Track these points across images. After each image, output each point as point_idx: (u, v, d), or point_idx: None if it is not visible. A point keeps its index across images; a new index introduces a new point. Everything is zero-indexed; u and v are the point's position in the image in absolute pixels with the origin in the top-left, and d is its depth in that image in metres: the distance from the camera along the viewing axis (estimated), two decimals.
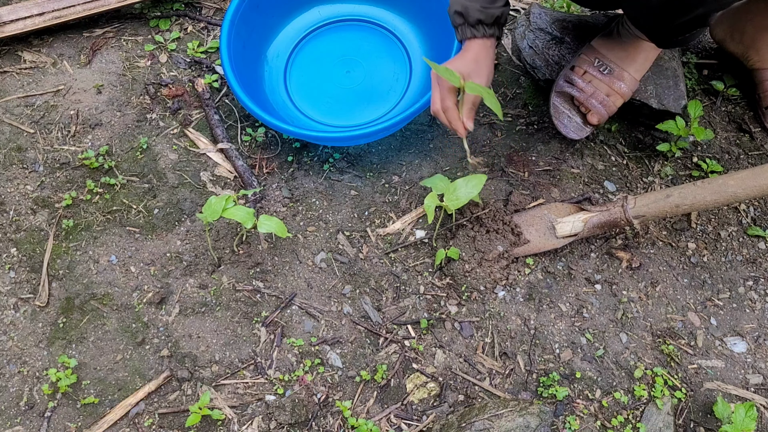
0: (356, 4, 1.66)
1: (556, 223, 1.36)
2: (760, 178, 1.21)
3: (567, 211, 1.38)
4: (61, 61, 1.63)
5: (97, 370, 1.27)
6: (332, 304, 1.35)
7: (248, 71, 1.52)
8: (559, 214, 1.38)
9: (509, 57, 1.68)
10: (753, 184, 1.20)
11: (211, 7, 1.75)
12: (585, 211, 1.37)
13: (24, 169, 1.47)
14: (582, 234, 1.35)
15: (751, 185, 1.21)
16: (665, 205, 1.26)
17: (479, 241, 1.34)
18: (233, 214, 1.26)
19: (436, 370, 1.29)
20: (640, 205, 1.28)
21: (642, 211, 1.28)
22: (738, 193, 1.22)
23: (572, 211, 1.38)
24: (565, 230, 1.35)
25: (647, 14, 1.14)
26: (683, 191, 1.25)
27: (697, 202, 1.24)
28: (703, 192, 1.24)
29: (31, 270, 1.36)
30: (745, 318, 1.36)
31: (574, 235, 1.36)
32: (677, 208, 1.26)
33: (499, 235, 1.35)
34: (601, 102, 1.41)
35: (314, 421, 1.23)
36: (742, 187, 1.21)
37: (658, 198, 1.27)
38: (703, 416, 1.26)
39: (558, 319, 1.34)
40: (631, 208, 1.29)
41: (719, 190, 1.22)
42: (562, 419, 1.24)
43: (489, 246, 1.34)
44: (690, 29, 1.16)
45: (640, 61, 1.40)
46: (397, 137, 1.55)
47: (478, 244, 1.34)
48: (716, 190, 1.23)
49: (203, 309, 1.33)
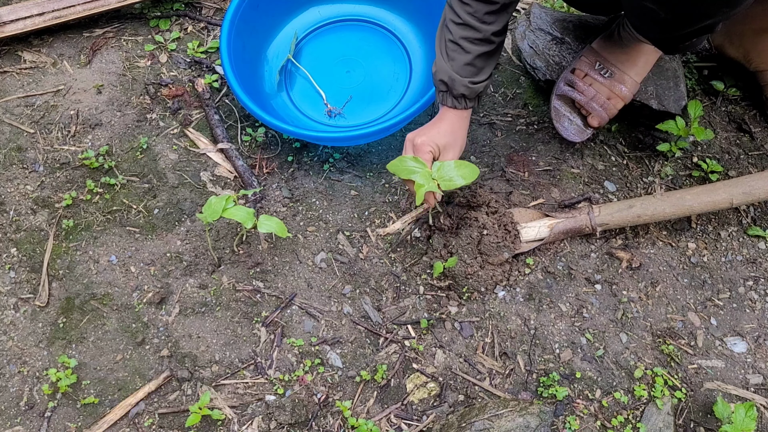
0: (356, 4, 1.66)
1: (521, 228, 1.36)
2: (713, 194, 1.33)
3: (530, 217, 1.39)
4: (61, 61, 1.63)
5: (97, 370, 1.27)
6: (332, 304, 1.35)
7: (248, 71, 1.52)
8: (522, 219, 1.38)
9: (509, 57, 1.68)
10: (707, 200, 1.33)
11: (211, 7, 1.75)
12: (549, 216, 1.38)
13: (24, 169, 1.47)
14: (548, 239, 1.37)
15: (705, 200, 1.33)
16: (627, 215, 1.35)
17: (483, 244, 1.33)
18: (233, 214, 1.26)
19: (436, 370, 1.29)
20: (604, 214, 1.36)
21: (606, 220, 1.36)
22: (694, 207, 1.34)
23: (536, 216, 1.39)
24: (530, 235, 1.36)
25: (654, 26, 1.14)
26: (644, 203, 1.35)
27: (657, 213, 1.34)
28: (662, 204, 1.34)
29: (31, 270, 1.36)
30: (745, 318, 1.36)
31: (539, 240, 1.36)
32: (638, 218, 1.35)
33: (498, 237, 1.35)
34: (601, 105, 1.41)
35: (314, 421, 1.23)
36: (697, 201, 1.33)
37: (621, 208, 1.36)
38: (703, 416, 1.26)
39: (558, 319, 1.34)
40: (597, 216, 1.36)
41: (677, 203, 1.34)
42: (562, 419, 1.24)
43: (495, 251, 1.33)
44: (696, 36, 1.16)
45: (641, 64, 1.40)
46: (397, 137, 1.55)
47: (483, 246, 1.33)
48: (674, 203, 1.34)
49: (203, 309, 1.33)
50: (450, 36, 1.21)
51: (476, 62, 1.22)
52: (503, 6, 1.19)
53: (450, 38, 1.21)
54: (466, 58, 1.21)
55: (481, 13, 1.18)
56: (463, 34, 1.20)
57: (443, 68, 1.22)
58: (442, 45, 1.23)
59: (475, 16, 1.18)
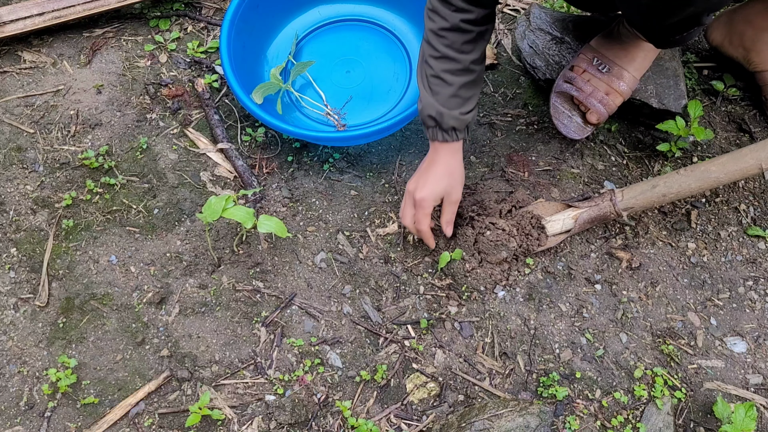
0: (356, 4, 1.66)
1: (545, 222, 1.35)
2: (740, 162, 1.24)
3: (554, 209, 1.38)
4: (61, 61, 1.63)
5: (97, 370, 1.27)
6: (332, 304, 1.35)
7: (248, 71, 1.52)
8: (546, 212, 1.38)
9: (509, 57, 1.68)
10: (734, 168, 1.24)
11: (211, 7, 1.75)
12: (573, 207, 1.37)
13: (24, 169, 1.47)
14: (574, 230, 1.35)
15: (732, 169, 1.24)
16: (652, 195, 1.28)
17: (482, 243, 1.33)
18: (233, 214, 1.26)
19: (436, 370, 1.29)
20: (628, 198, 1.30)
21: (630, 203, 1.30)
22: (720, 178, 1.25)
23: (559, 208, 1.38)
24: (555, 228, 1.35)
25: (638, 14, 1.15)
26: (668, 180, 1.28)
27: (683, 189, 1.27)
28: (687, 179, 1.26)
29: (31, 270, 1.36)
30: (745, 318, 1.36)
31: (566, 232, 1.35)
32: (664, 197, 1.28)
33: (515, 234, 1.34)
34: (600, 101, 1.41)
35: (314, 421, 1.23)
36: (724, 171, 1.24)
37: (644, 189, 1.29)
38: (703, 416, 1.26)
39: (558, 319, 1.34)
40: (620, 201, 1.30)
41: (702, 176, 1.26)
42: (562, 419, 1.24)
43: (494, 249, 1.33)
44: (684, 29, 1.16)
45: (638, 60, 1.40)
46: (397, 137, 1.55)
47: (481, 245, 1.33)
48: (699, 176, 1.26)
49: (203, 309, 1.33)
50: (431, 71, 1.21)
51: (461, 93, 1.22)
52: (479, 34, 1.21)
53: (431, 73, 1.22)
54: (450, 90, 1.21)
55: (458, 43, 1.20)
56: (443, 67, 1.20)
57: (430, 103, 1.22)
58: (424, 81, 1.23)
59: (453, 47, 1.20)
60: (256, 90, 1.45)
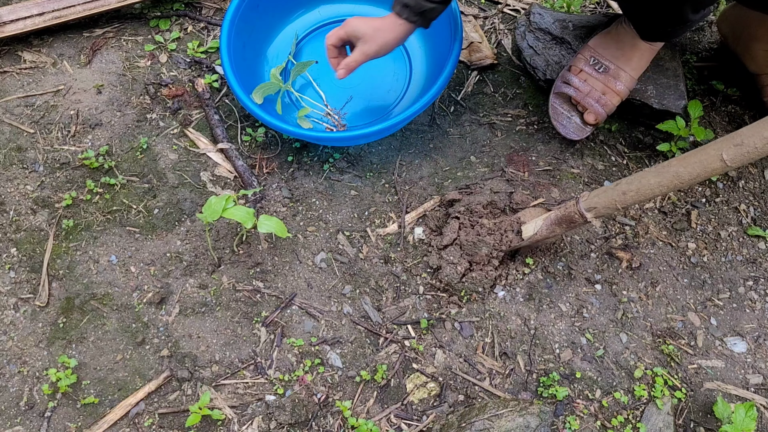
0: (356, 4, 1.66)
1: (522, 227, 1.35)
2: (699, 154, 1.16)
3: (537, 214, 1.37)
4: (61, 61, 1.63)
5: (97, 370, 1.27)
6: (332, 304, 1.35)
7: (248, 71, 1.52)
8: (529, 218, 1.37)
9: (509, 57, 1.68)
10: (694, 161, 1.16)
11: (211, 7, 1.75)
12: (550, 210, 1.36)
13: (24, 169, 1.47)
14: (540, 232, 1.31)
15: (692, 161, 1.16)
16: (613, 194, 1.24)
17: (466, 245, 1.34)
18: (233, 214, 1.26)
19: (436, 370, 1.29)
20: (591, 197, 1.27)
21: (593, 203, 1.26)
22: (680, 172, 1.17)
23: (542, 213, 1.37)
24: (528, 231, 1.34)
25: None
26: (630, 178, 1.24)
27: (643, 186, 1.21)
28: (647, 176, 1.21)
29: (31, 270, 1.36)
30: (745, 318, 1.36)
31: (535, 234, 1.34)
32: (624, 195, 1.23)
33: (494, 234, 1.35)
34: (597, 100, 1.41)
35: (314, 421, 1.23)
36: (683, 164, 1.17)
37: (607, 189, 1.26)
38: (703, 416, 1.26)
39: (558, 319, 1.34)
40: (583, 200, 1.27)
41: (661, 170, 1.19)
42: (562, 419, 1.24)
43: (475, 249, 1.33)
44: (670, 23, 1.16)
45: (635, 59, 1.40)
46: (397, 137, 1.55)
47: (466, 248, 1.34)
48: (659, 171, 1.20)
49: (203, 309, 1.33)
50: None
51: None
52: None
53: None
54: None
55: None
56: None
57: None
58: None
59: None
60: (256, 90, 1.46)
